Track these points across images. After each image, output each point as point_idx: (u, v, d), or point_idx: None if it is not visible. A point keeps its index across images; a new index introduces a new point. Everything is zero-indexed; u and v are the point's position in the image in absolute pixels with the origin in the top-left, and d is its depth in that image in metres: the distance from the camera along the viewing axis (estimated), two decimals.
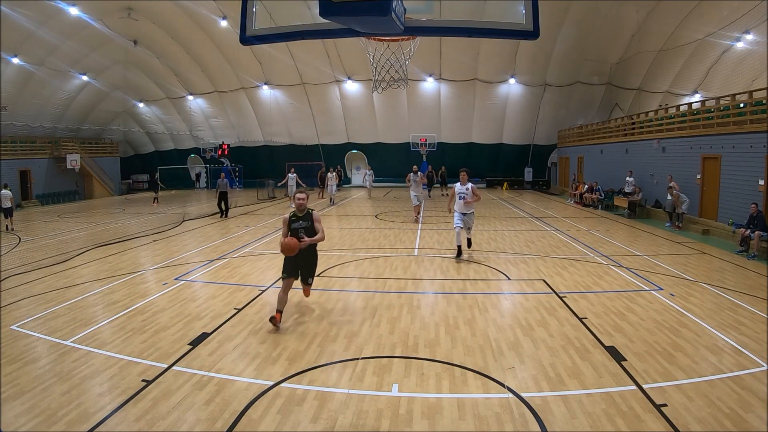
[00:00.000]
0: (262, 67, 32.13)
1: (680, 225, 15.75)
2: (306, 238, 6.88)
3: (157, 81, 34.08)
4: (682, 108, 19.20)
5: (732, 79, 22.46)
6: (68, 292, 8.87)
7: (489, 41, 26.35)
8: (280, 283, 7.06)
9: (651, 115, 21.25)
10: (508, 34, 3.36)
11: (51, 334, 6.67)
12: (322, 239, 7.14)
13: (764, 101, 14.02)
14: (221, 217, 19.41)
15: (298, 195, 7.22)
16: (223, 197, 19.43)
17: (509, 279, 9.69)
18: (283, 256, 7.01)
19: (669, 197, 16.22)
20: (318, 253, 7.53)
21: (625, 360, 5.73)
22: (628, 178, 20.08)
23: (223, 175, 20.60)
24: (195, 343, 6.37)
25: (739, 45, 21.55)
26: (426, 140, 33.94)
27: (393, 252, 12.36)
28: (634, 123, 22.43)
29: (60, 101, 30.45)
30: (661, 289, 8.73)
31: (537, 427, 4.40)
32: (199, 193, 34.19)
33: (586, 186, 23.43)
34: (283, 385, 5.23)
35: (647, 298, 8.26)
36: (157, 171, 31.43)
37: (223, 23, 27.53)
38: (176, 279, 9.75)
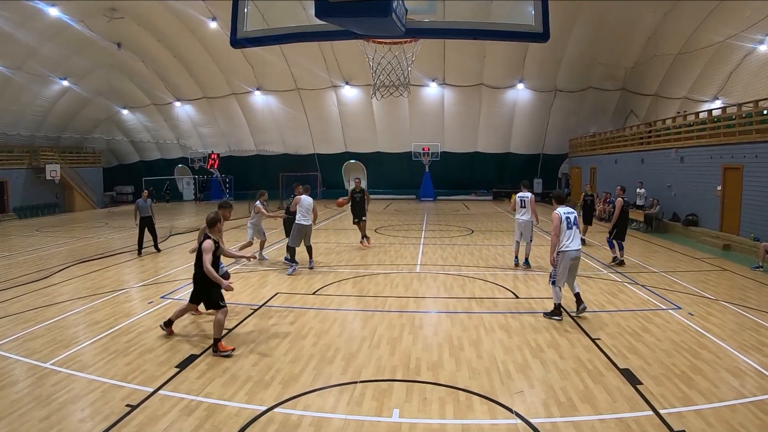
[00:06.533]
0: (254, 71, 32.39)
1: None
2: None
3: (143, 86, 34.36)
4: (701, 115, 19.40)
5: (754, 84, 22.57)
6: (47, 311, 8.92)
7: (496, 44, 26.52)
8: (273, 302, 7.08)
9: (668, 122, 21.46)
10: (516, 36, 3.39)
11: (29, 356, 6.71)
12: None
13: None
14: (140, 254, 14.50)
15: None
16: (147, 224, 14.56)
17: (517, 297, 9.74)
18: None
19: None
20: None
21: (641, 383, 5.77)
22: (639, 190, 20.50)
23: (145, 193, 15.32)
24: (183, 365, 6.41)
25: (762, 48, 21.70)
26: (429, 149, 34.16)
27: (394, 268, 12.42)
28: (650, 131, 22.63)
29: (39, 108, 30.66)
30: (680, 308, 8.78)
31: None
32: (188, 206, 34.27)
33: (602, 197, 23.53)
34: (276, 410, 5.27)
35: (664, 317, 8.31)
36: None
37: (213, 25, 27.72)
38: (162, 297, 9.80)
